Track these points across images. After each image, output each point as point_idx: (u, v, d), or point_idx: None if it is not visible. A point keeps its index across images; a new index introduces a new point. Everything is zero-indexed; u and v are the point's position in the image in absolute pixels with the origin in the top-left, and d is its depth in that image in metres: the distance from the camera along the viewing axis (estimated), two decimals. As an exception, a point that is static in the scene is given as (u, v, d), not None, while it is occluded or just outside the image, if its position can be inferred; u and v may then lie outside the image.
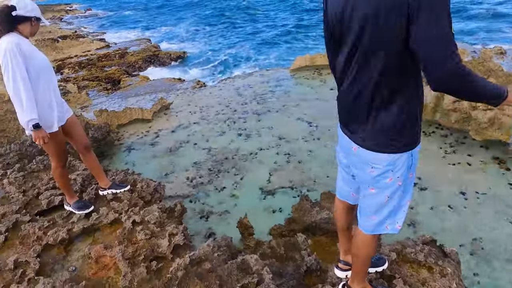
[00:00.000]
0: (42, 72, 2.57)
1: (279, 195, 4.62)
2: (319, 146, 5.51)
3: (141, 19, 30.50)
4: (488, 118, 4.29)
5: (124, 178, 3.48)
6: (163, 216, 2.82)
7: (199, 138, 6.18)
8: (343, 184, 1.99)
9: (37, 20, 2.61)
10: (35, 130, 2.47)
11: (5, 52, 2.36)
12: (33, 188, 3.61)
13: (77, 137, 2.97)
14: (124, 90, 9.40)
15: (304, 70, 8.56)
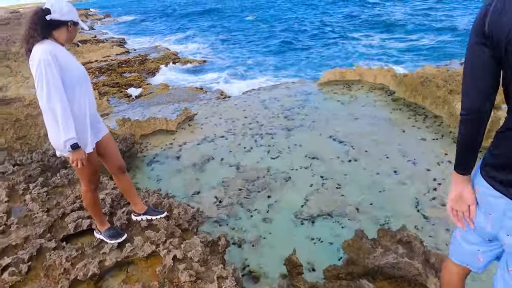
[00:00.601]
0: (79, 85, 2.27)
1: (317, 223, 4.24)
2: (356, 168, 5.13)
3: (160, 27, 30.74)
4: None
5: (158, 201, 3.15)
6: (206, 252, 2.48)
7: (225, 153, 5.86)
8: (469, 248, 1.61)
9: (74, 25, 2.30)
10: (74, 151, 2.17)
11: (39, 62, 2.06)
12: (57, 207, 3.32)
13: (111, 158, 2.66)
14: (146, 98, 9.19)
15: (332, 85, 8.23)
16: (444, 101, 5.66)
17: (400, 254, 2.50)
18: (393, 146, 5.51)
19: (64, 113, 2.10)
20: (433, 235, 3.83)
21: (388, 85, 7.37)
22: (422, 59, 12.76)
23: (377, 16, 23.61)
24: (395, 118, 6.37)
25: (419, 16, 21.68)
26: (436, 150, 5.20)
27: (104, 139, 2.57)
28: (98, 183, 2.66)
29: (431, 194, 4.41)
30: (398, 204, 4.37)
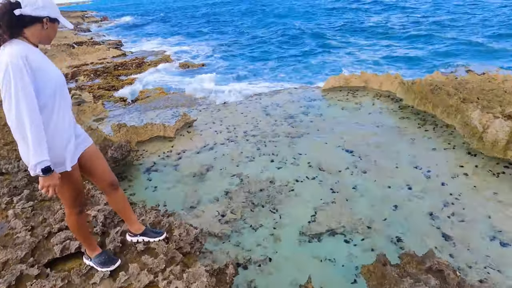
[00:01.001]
0: (56, 93, 1.89)
1: (327, 240, 3.93)
2: (366, 181, 4.83)
3: (158, 29, 30.45)
4: None
5: (156, 220, 2.83)
6: (212, 282, 2.16)
7: (227, 162, 5.55)
8: None
9: (52, 22, 1.90)
10: (45, 176, 1.81)
11: (6, 67, 1.69)
12: (43, 224, 2.98)
13: (99, 174, 2.31)
14: (142, 102, 8.86)
15: (336, 91, 7.97)
16: (457, 110, 5.40)
17: (432, 287, 2.20)
18: (403, 157, 5.23)
19: (35, 130, 1.73)
20: (455, 254, 3.54)
21: (395, 92, 7.12)
22: (424, 66, 12.57)
23: (378, 23, 23.54)
24: (404, 126, 6.10)
25: (422, 25, 21.62)
26: (450, 162, 4.93)
27: (88, 152, 2.22)
28: (84, 205, 2.31)
29: (449, 209, 4.13)
30: (413, 221, 4.07)
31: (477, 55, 13.22)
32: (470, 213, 4.01)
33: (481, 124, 4.61)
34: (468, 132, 4.95)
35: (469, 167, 4.75)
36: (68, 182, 2.01)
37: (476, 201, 4.16)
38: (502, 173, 4.57)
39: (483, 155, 4.84)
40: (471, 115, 4.88)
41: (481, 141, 4.67)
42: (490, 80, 6.52)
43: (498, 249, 3.54)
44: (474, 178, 4.54)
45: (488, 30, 17.51)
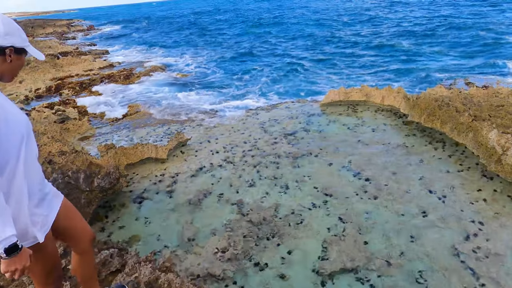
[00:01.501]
0: (22, 147, 1.46)
1: (341, 281, 3.53)
2: (377, 207, 4.47)
3: (146, 39, 29.95)
4: None
5: (153, 277, 2.37)
6: None
7: (225, 187, 5.12)
8: None
9: (17, 53, 1.50)
10: (10, 258, 1.35)
11: None
12: None
13: (79, 233, 1.87)
14: (131, 118, 8.37)
15: (336, 106, 7.66)
16: (469, 128, 5.12)
17: None
18: (414, 180, 4.90)
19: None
20: (486, 298, 3.18)
21: (398, 107, 6.84)
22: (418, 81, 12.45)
23: (370, 35, 23.63)
24: (411, 144, 5.80)
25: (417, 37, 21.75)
26: (466, 186, 4.61)
27: (61, 211, 1.77)
28: (60, 280, 1.84)
29: (472, 241, 3.78)
30: (435, 254, 3.71)
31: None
32: (496, 247, 3.67)
33: (499, 145, 4.32)
34: (484, 153, 4.65)
35: (488, 192, 4.44)
36: (42, 257, 1.56)
37: (501, 232, 3.84)
38: (522, 197, 4.27)
39: (500, 179, 4.55)
40: (488, 135, 4.59)
41: (500, 164, 4.37)
42: (496, 94, 6.29)
43: (533, 289, 3.21)
44: (494, 204, 4.23)
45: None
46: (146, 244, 4.07)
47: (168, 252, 3.83)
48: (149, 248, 3.93)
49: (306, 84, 12.38)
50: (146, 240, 4.14)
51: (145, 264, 2.51)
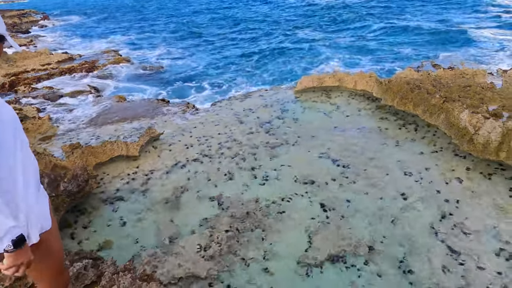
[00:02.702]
0: (12, 139, 1.38)
1: (327, 270, 3.50)
2: (358, 193, 4.48)
3: (107, 29, 28.42)
4: None
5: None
6: None
7: (203, 182, 4.94)
8: None
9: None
10: (15, 252, 1.30)
11: None
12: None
13: (56, 253, 1.68)
14: (97, 114, 7.89)
15: (310, 92, 7.61)
16: (440, 110, 5.23)
17: None
18: (391, 163, 4.96)
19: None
20: (467, 276, 3.27)
21: (371, 91, 6.89)
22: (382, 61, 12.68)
23: (337, 19, 23.74)
24: (385, 128, 5.86)
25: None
26: (440, 166, 4.72)
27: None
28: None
29: (449, 220, 3.88)
30: (415, 236, 3.78)
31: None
32: (472, 224, 3.79)
33: (471, 125, 4.43)
34: (456, 133, 4.77)
35: (461, 170, 4.57)
36: (49, 255, 1.43)
37: (476, 209, 3.96)
38: (494, 173, 4.43)
39: (472, 157, 4.69)
40: (460, 116, 4.70)
41: (472, 143, 4.50)
42: (462, 75, 6.48)
43: (509, 264, 3.33)
44: (468, 182, 4.36)
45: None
46: (121, 248, 3.84)
47: (147, 256, 3.63)
48: (126, 253, 3.71)
49: (277, 70, 12.26)
50: (121, 244, 3.91)
51: (123, 274, 2.32)
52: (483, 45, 13.90)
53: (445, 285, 3.20)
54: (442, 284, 3.21)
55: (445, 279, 3.27)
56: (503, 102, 5.01)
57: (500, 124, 4.22)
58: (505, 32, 15.74)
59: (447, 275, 3.30)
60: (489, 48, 13.44)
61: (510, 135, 4.11)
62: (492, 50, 13.20)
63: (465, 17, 18.81)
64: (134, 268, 2.49)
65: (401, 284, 3.29)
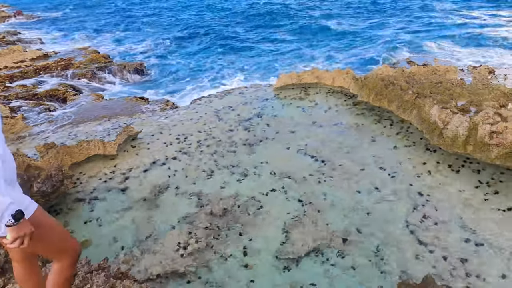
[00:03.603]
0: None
1: (304, 264, 3.60)
2: (334, 187, 4.60)
3: (84, 24, 27.63)
4: (543, 157, 3.73)
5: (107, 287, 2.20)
6: None
7: (182, 180, 4.95)
8: None
9: None
10: (16, 224, 1.46)
11: None
12: None
13: None
14: (74, 113, 7.72)
15: (289, 89, 7.69)
16: (413, 105, 5.41)
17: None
18: (367, 158, 5.11)
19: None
20: (435, 263, 3.43)
21: (348, 88, 7.04)
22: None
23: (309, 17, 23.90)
24: (361, 124, 6.01)
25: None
26: (413, 160, 4.90)
27: None
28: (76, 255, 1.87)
29: (420, 212, 4.04)
30: (388, 227, 3.92)
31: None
32: (441, 215, 3.96)
33: (440, 120, 4.62)
34: (427, 128, 4.96)
35: (432, 164, 4.75)
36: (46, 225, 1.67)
37: (445, 200, 4.14)
38: (462, 167, 4.64)
39: (442, 151, 4.89)
40: (430, 111, 4.88)
41: (441, 137, 4.69)
42: (434, 71, 6.71)
43: (473, 251, 3.51)
44: (438, 175, 4.55)
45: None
46: (99, 248, 3.82)
47: (124, 255, 3.62)
48: (103, 252, 3.69)
49: (258, 67, 12.31)
50: (99, 244, 3.88)
51: (97, 273, 2.32)
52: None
53: (416, 273, 3.34)
54: (413, 273, 3.35)
55: (415, 267, 3.41)
56: (471, 98, 5.24)
57: (467, 118, 4.42)
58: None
59: (417, 264, 3.45)
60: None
61: (477, 129, 4.31)
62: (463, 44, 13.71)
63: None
64: (109, 266, 2.49)
65: (375, 274, 3.42)
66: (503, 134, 4.06)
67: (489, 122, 4.29)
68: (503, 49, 13.50)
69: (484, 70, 6.72)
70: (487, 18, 18.21)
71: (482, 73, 6.65)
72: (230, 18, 25.06)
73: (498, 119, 4.30)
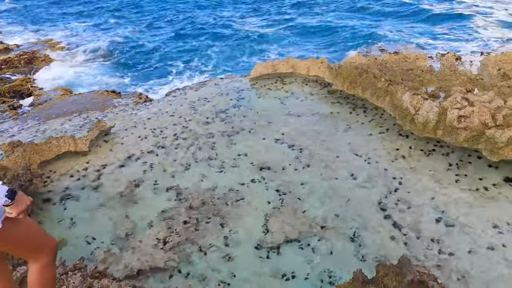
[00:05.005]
0: None
1: (285, 252, 3.65)
2: (312, 176, 4.66)
3: (47, 14, 26.19)
4: (507, 137, 3.92)
5: (84, 287, 2.13)
6: None
7: (159, 174, 4.85)
8: None
9: None
10: (13, 202, 1.56)
11: None
12: None
13: None
14: (40, 109, 7.37)
15: (265, 79, 7.66)
16: (386, 93, 5.54)
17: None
18: (343, 146, 5.19)
19: None
20: (409, 243, 3.57)
21: (323, 76, 7.10)
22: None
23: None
24: (337, 112, 6.09)
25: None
26: (386, 146, 5.03)
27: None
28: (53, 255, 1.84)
29: (395, 196, 4.18)
30: (364, 212, 4.03)
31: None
32: (414, 197, 4.11)
33: (412, 106, 4.75)
34: (399, 114, 5.09)
35: (404, 149, 4.90)
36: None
37: (418, 183, 4.30)
38: (433, 150, 4.81)
39: (414, 136, 5.05)
40: (402, 97, 5.01)
41: (413, 123, 4.83)
42: (405, 59, 6.88)
43: (445, 231, 3.67)
44: (410, 160, 4.70)
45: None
46: (75, 248, 3.70)
47: (102, 253, 3.53)
48: (79, 252, 3.58)
49: (231, 57, 12.19)
50: (74, 244, 3.76)
51: (73, 273, 2.24)
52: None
53: (392, 254, 3.47)
54: (390, 254, 3.47)
55: (391, 248, 3.54)
56: (440, 84, 5.42)
57: (437, 104, 4.57)
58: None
59: (393, 245, 3.58)
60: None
61: (446, 114, 4.47)
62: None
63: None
64: (85, 266, 2.41)
65: (353, 258, 3.52)
66: (470, 118, 4.24)
67: (457, 106, 4.46)
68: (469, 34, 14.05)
69: (451, 57, 6.96)
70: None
71: (449, 59, 6.89)
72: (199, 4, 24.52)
73: (466, 104, 4.48)
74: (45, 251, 1.74)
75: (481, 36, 13.71)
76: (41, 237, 1.76)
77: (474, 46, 12.46)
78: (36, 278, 1.73)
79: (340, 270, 3.38)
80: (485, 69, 6.12)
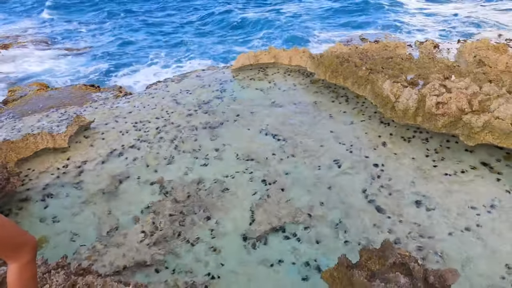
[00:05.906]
0: None
1: (271, 241, 3.68)
2: (296, 165, 4.70)
3: (18, 4, 25.06)
4: (482, 122, 4.05)
5: (68, 285, 2.10)
6: None
7: (142, 168, 4.78)
8: None
9: None
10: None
11: None
12: None
13: None
14: (15, 104, 7.10)
15: (247, 70, 7.61)
16: (367, 81, 5.61)
17: (404, 285, 2.10)
18: (326, 134, 5.25)
19: None
20: (393, 228, 3.67)
21: (305, 66, 7.12)
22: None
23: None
24: (319, 102, 6.14)
25: None
26: (368, 134, 5.12)
27: None
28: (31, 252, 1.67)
29: (377, 182, 4.27)
30: (349, 199, 4.10)
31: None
32: (396, 183, 4.21)
33: (392, 93, 4.84)
34: (380, 102, 5.18)
35: (386, 136, 5.00)
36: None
37: (399, 169, 4.40)
38: (413, 137, 4.93)
39: (395, 123, 5.15)
40: (383, 85, 5.08)
41: (394, 110, 4.92)
42: (385, 48, 6.96)
43: (425, 215, 3.79)
44: (391, 146, 4.80)
45: None
46: (57, 247, 3.62)
47: (86, 250, 3.47)
48: (62, 251, 3.50)
49: (213, 48, 12.03)
50: (56, 243, 3.68)
51: (56, 271, 2.19)
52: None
53: (375, 238, 3.56)
54: (373, 239, 3.56)
55: (375, 233, 3.63)
56: (419, 71, 5.52)
57: (416, 91, 4.67)
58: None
59: (376, 230, 3.67)
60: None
61: (425, 101, 4.57)
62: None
63: None
64: (69, 264, 2.37)
65: (338, 244, 3.59)
66: (447, 105, 4.35)
67: (435, 93, 4.57)
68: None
69: (429, 45, 7.09)
70: None
71: (428, 47, 7.02)
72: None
73: (443, 91, 4.59)
74: (25, 249, 1.68)
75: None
76: (19, 236, 1.69)
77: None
78: (16, 278, 1.68)
79: (325, 256, 3.45)
80: (462, 56, 6.28)
